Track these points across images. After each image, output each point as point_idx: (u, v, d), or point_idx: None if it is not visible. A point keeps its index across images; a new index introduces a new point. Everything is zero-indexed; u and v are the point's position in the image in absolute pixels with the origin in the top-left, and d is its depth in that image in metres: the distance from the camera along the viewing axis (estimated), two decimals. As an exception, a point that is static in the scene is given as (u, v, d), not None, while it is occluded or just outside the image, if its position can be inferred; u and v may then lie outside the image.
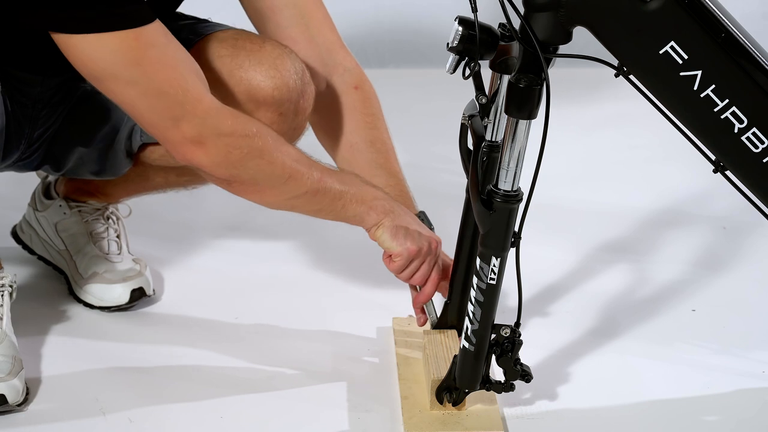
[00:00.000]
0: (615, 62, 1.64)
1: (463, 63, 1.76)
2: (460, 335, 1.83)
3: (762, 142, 1.66)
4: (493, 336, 1.82)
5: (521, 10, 1.62)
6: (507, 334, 1.83)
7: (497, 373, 1.88)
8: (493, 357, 1.84)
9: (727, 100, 1.63)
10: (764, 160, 1.67)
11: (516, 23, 1.64)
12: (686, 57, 1.61)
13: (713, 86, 1.62)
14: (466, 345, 1.82)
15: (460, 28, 1.74)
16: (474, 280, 1.78)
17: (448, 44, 1.75)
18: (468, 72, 1.76)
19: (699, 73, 1.62)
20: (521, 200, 1.72)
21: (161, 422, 1.92)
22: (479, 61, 1.75)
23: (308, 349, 2.10)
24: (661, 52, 1.61)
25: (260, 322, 2.18)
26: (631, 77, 1.64)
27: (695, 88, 1.62)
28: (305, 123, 2.05)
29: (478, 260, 1.76)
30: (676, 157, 2.48)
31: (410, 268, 1.97)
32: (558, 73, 1.72)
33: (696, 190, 2.72)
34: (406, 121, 2.91)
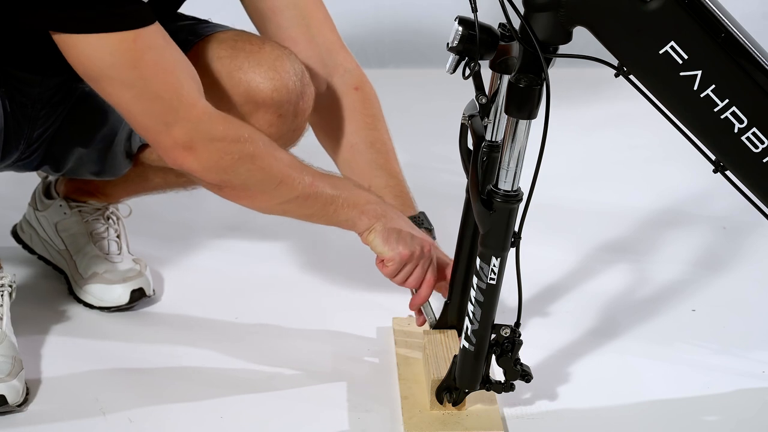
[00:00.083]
0: (615, 62, 1.64)
1: (463, 63, 1.76)
2: (460, 335, 1.83)
3: (762, 142, 1.66)
4: (493, 336, 1.82)
5: (521, 10, 1.62)
6: (507, 334, 1.83)
7: (497, 373, 1.88)
8: (493, 357, 1.84)
9: (727, 100, 1.63)
10: (764, 160, 1.67)
11: (516, 23, 1.64)
12: (686, 57, 1.61)
13: (713, 86, 1.62)
14: (466, 345, 1.82)
15: (460, 28, 1.74)
16: (474, 280, 1.78)
17: (448, 44, 1.75)
18: (468, 72, 1.76)
19: (699, 73, 1.62)
20: (521, 200, 1.72)
21: (161, 422, 1.92)
22: (479, 61, 1.75)
23: (308, 349, 2.10)
24: (661, 52, 1.60)
25: (260, 322, 2.18)
26: (631, 77, 1.64)
27: (695, 88, 1.62)
28: (305, 124, 2.05)
29: (478, 260, 1.76)
30: (676, 157, 2.48)
31: (403, 272, 1.97)
32: (558, 73, 1.72)
33: (696, 190, 2.72)
34: (406, 121, 2.91)
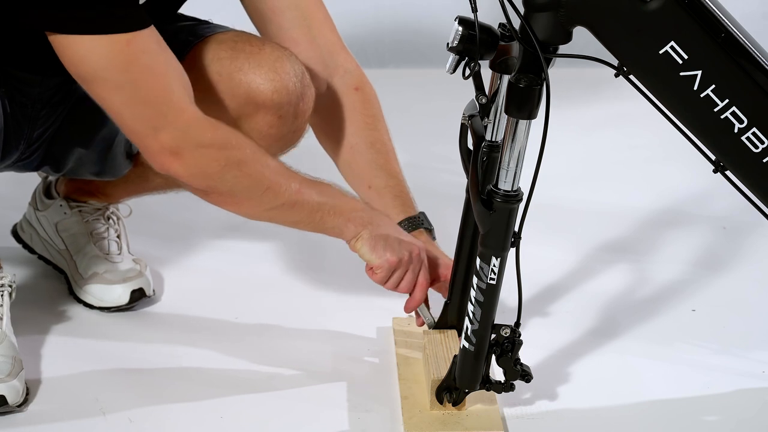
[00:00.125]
0: (615, 62, 1.64)
1: (463, 63, 1.76)
2: (460, 335, 1.83)
3: (762, 142, 1.66)
4: (493, 336, 1.82)
5: (521, 10, 1.62)
6: (507, 334, 1.82)
7: (497, 373, 1.88)
8: (493, 357, 1.84)
9: (727, 100, 1.63)
10: (764, 160, 1.67)
11: (516, 23, 1.64)
12: (686, 57, 1.60)
13: (713, 86, 1.62)
14: (466, 345, 1.82)
15: (460, 28, 1.74)
16: (474, 280, 1.78)
17: (448, 44, 1.75)
18: (468, 72, 1.76)
19: (699, 73, 1.62)
20: (521, 200, 1.72)
21: (161, 422, 1.92)
22: (479, 61, 1.75)
23: (308, 349, 2.10)
24: (661, 52, 1.60)
25: (260, 322, 2.18)
26: (631, 77, 1.64)
27: (695, 88, 1.62)
28: (305, 126, 2.05)
29: (478, 260, 1.76)
30: (676, 157, 2.48)
31: (393, 279, 1.97)
32: (558, 73, 1.72)
33: (696, 190, 2.71)
34: (406, 121, 2.91)
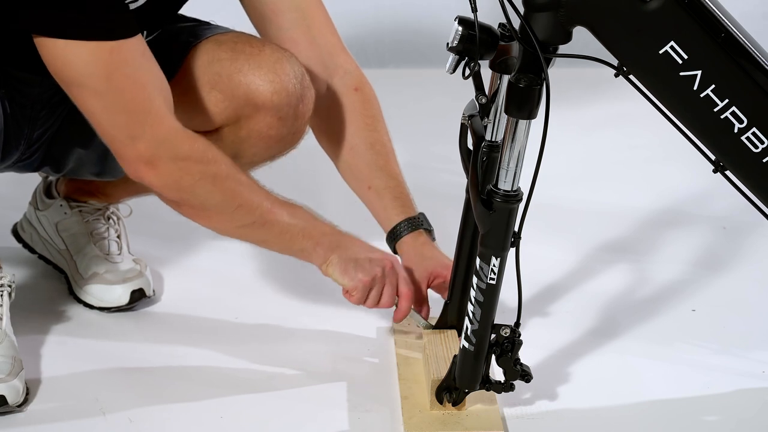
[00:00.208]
0: (615, 62, 1.64)
1: (463, 63, 1.76)
2: (460, 335, 1.83)
3: (762, 142, 1.66)
4: (493, 336, 1.82)
5: (521, 10, 1.62)
6: (507, 334, 1.82)
7: (497, 373, 1.88)
8: (493, 357, 1.84)
9: (727, 100, 1.63)
10: (764, 160, 1.67)
11: (516, 23, 1.64)
12: (686, 57, 1.60)
13: (713, 86, 1.62)
14: (466, 345, 1.82)
15: (460, 28, 1.74)
16: (474, 280, 1.78)
17: (448, 44, 1.75)
18: (468, 72, 1.76)
19: (699, 73, 1.62)
20: (521, 200, 1.72)
21: (161, 422, 1.92)
22: (479, 61, 1.75)
23: (308, 350, 2.10)
24: (661, 52, 1.60)
25: (260, 322, 2.18)
26: (631, 77, 1.64)
27: (695, 88, 1.62)
28: (305, 127, 2.05)
29: (478, 260, 1.76)
30: (676, 157, 2.47)
31: (371, 297, 1.98)
32: (558, 73, 1.72)
33: (696, 190, 2.71)
34: (406, 122, 2.91)
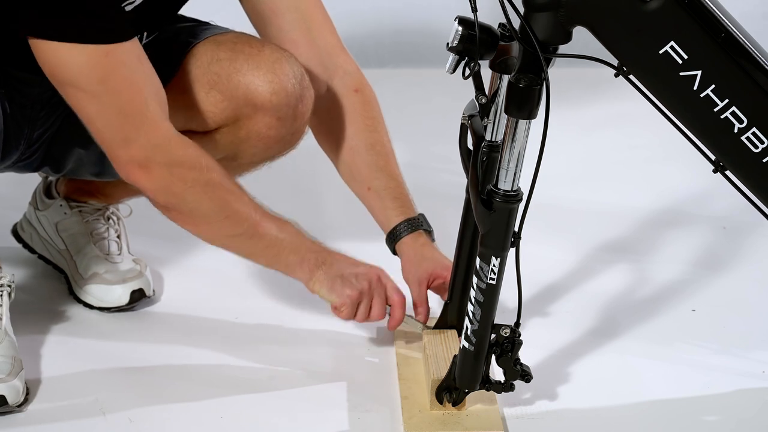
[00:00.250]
0: (615, 62, 1.64)
1: (463, 63, 1.76)
2: (460, 335, 1.83)
3: (762, 142, 1.66)
4: (493, 336, 1.82)
5: (521, 10, 1.62)
6: (507, 334, 1.82)
7: (497, 373, 1.88)
8: (493, 357, 1.84)
9: (727, 100, 1.63)
10: (764, 160, 1.67)
11: (516, 23, 1.64)
12: (686, 57, 1.60)
13: (713, 86, 1.62)
14: (466, 345, 1.82)
15: (460, 28, 1.74)
16: (474, 280, 1.78)
17: (448, 44, 1.75)
18: (468, 72, 1.76)
19: (699, 73, 1.62)
20: (521, 200, 1.72)
21: (161, 422, 1.92)
22: (479, 61, 1.75)
23: (308, 349, 2.10)
24: (661, 52, 1.60)
25: (260, 322, 2.18)
26: (631, 77, 1.64)
27: (695, 88, 1.62)
28: (304, 127, 2.05)
29: (478, 260, 1.76)
30: (676, 157, 2.47)
31: (361, 311, 1.99)
32: (558, 73, 1.72)
33: (696, 190, 2.71)
34: (406, 122, 2.91)
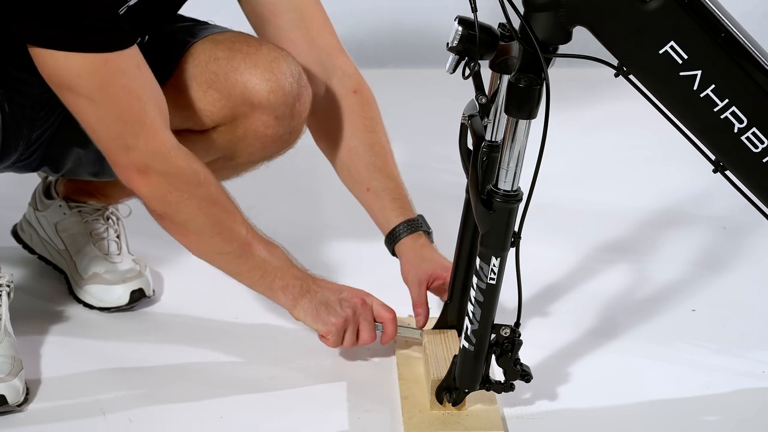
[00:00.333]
0: (615, 62, 1.64)
1: (463, 63, 1.76)
2: (460, 335, 1.83)
3: (762, 142, 1.65)
4: (493, 336, 1.82)
5: (521, 10, 1.62)
6: (507, 334, 1.82)
7: (497, 373, 1.88)
8: (493, 357, 1.84)
9: (727, 100, 1.63)
10: (764, 160, 1.67)
11: (516, 23, 1.64)
12: (686, 57, 1.60)
13: (713, 86, 1.62)
14: (466, 345, 1.82)
15: (460, 28, 1.74)
16: (474, 280, 1.78)
17: (448, 44, 1.75)
18: (468, 72, 1.76)
19: (699, 73, 1.62)
20: (521, 200, 1.72)
21: (161, 422, 1.92)
22: (479, 61, 1.75)
23: (308, 349, 2.10)
24: (661, 52, 1.60)
25: (260, 322, 2.18)
26: (631, 77, 1.64)
27: (695, 88, 1.62)
28: (302, 126, 2.05)
29: (478, 260, 1.76)
30: (676, 157, 2.48)
31: (348, 338, 1.99)
32: (558, 73, 1.72)
33: (696, 190, 2.71)
34: (406, 121, 2.91)
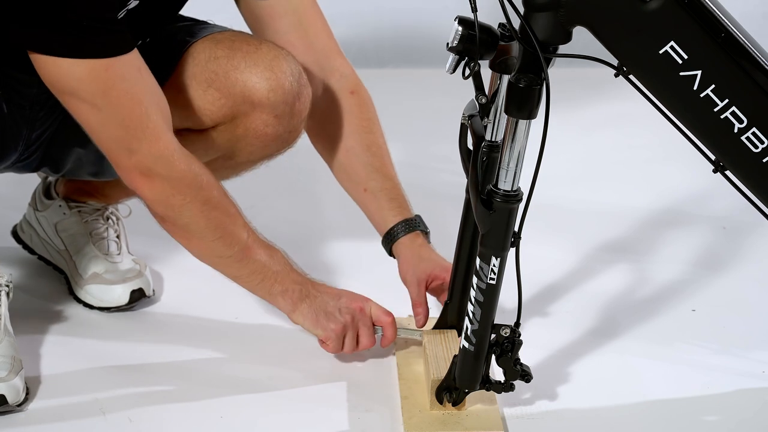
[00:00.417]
0: (615, 62, 1.64)
1: (463, 63, 1.76)
2: (460, 335, 1.83)
3: (762, 142, 1.65)
4: (493, 336, 1.82)
5: (521, 10, 1.62)
6: (507, 334, 1.82)
7: (497, 373, 1.88)
8: (493, 357, 1.84)
9: (727, 100, 1.63)
10: (764, 160, 1.67)
11: (516, 23, 1.64)
12: (686, 57, 1.60)
13: (713, 86, 1.62)
14: (466, 345, 1.82)
15: (460, 28, 1.74)
16: (474, 280, 1.78)
17: (448, 44, 1.75)
18: (468, 72, 1.76)
19: (699, 73, 1.62)
20: (521, 200, 1.72)
21: (161, 422, 1.92)
22: (479, 61, 1.75)
23: (308, 349, 2.10)
24: (661, 52, 1.60)
25: (260, 322, 2.18)
26: (631, 77, 1.64)
27: (695, 88, 1.62)
28: (302, 125, 2.05)
29: (478, 260, 1.76)
30: (676, 157, 2.48)
31: (347, 343, 2.00)
32: (558, 73, 1.72)
33: (696, 190, 2.71)
34: (406, 121, 2.91)
